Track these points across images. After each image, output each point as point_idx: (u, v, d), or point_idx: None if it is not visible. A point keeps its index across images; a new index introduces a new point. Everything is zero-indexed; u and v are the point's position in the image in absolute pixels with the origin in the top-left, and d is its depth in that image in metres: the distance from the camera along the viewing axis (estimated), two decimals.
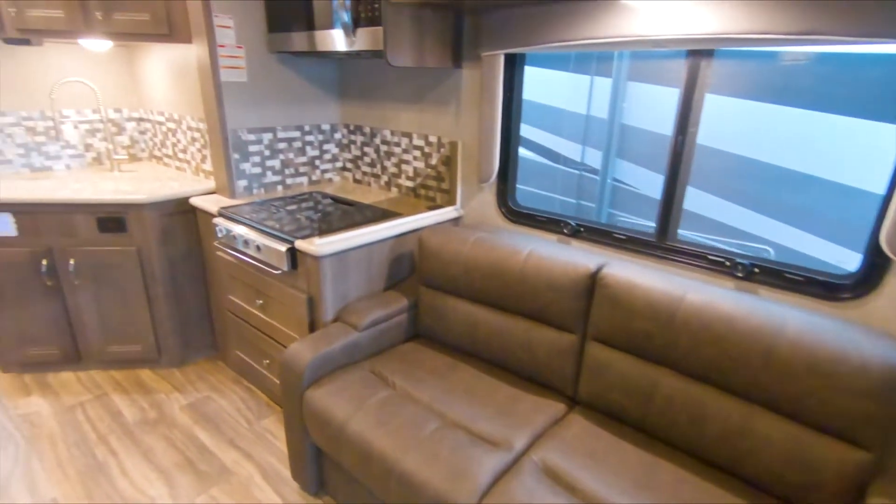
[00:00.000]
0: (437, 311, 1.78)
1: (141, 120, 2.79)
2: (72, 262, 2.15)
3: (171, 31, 2.10)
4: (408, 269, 2.01)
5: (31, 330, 2.25)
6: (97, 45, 2.47)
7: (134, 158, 2.82)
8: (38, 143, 2.50)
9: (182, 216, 2.22)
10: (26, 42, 2.21)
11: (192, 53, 2.23)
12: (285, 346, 1.93)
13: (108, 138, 2.66)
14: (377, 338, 1.75)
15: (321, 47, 1.89)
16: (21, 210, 2.07)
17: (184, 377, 2.36)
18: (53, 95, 2.49)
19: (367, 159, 2.48)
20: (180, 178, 2.43)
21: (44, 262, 2.14)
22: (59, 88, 2.50)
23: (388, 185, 2.41)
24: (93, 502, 1.67)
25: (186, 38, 2.09)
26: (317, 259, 1.65)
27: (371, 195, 2.33)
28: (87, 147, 2.65)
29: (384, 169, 2.40)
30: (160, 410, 2.13)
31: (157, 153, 2.80)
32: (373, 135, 2.39)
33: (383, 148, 2.36)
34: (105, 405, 2.16)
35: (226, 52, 2.02)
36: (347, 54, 1.90)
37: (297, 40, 1.98)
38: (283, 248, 1.71)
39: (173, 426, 2.04)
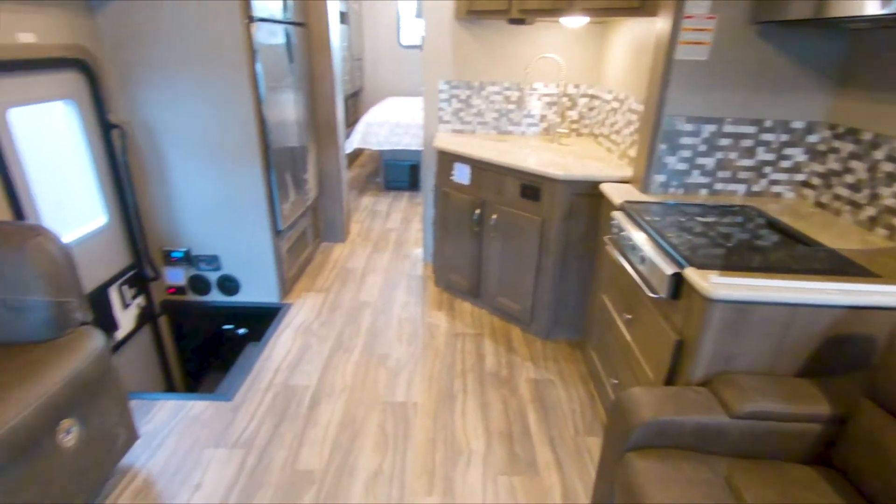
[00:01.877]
0: (882, 448, 1.06)
1: (593, 97, 2.84)
2: (494, 217, 2.45)
3: (642, 2, 1.94)
4: (851, 361, 1.29)
5: (457, 260, 2.77)
6: (575, 22, 2.60)
7: (576, 133, 2.94)
8: (508, 109, 2.92)
9: (590, 199, 2.15)
10: (522, 22, 2.52)
11: (655, 29, 2.01)
12: (636, 378, 1.63)
13: (560, 112, 2.84)
14: (756, 438, 1.21)
15: (835, 13, 1.31)
16: (476, 165, 2.47)
17: (542, 350, 2.42)
18: (528, 69, 2.81)
19: (848, 178, 1.70)
20: (605, 159, 2.35)
21: (477, 211, 2.53)
22: (534, 63, 2.80)
23: (873, 222, 1.59)
24: (435, 424, 1.94)
25: (654, 11, 1.88)
26: (706, 300, 1.23)
27: (835, 231, 1.60)
28: (542, 118, 2.92)
29: (875, 198, 1.59)
30: (511, 372, 2.26)
31: (595, 131, 2.82)
32: (875, 145, 1.60)
33: (888, 167, 1.55)
34: (477, 345, 2.46)
35: (692, 23, 1.69)
36: (878, 21, 1.25)
37: (797, 5, 1.44)
38: (668, 270, 1.37)
39: (513, 393, 2.12)
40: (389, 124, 4.69)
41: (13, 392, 1.24)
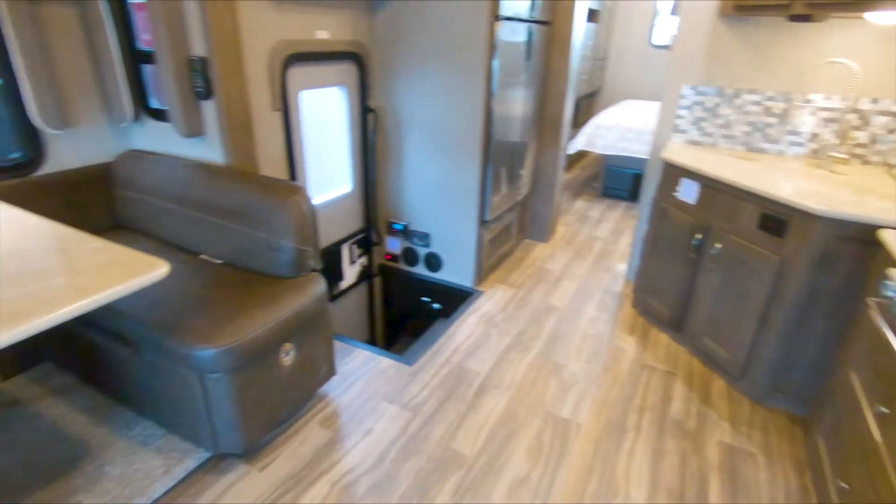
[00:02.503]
0: None
1: None
2: (718, 245, 2.11)
3: None
4: None
5: (662, 285, 2.49)
6: (886, 18, 2.00)
7: (860, 160, 2.31)
8: (766, 123, 2.45)
9: (858, 245, 1.67)
10: (807, 18, 2.06)
11: None
12: (878, 492, 1.22)
13: (842, 132, 2.26)
14: None
15: None
16: (708, 183, 2.15)
17: (748, 414, 2.01)
18: (805, 77, 2.30)
19: None
20: None
21: (698, 235, 2.21)
22: (814, 69, 2.27)
23: None
24: (595, 452, 1.80)
25: None
26: None
27: None
28: (813, 137, 2.37)
29: None
30: (700, 427, 1.94)
31: (893, 160, 2.17)
32: None
33: None
34: (665, 383, 2.18)
35: None
36: None
37: None
38: None
39: (697, 452, 1.82)
40: (620, 128, 4.43)
41: (259, 312, 1.59)
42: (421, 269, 3.10)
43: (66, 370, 2.03)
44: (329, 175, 2.74)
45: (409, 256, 3.10)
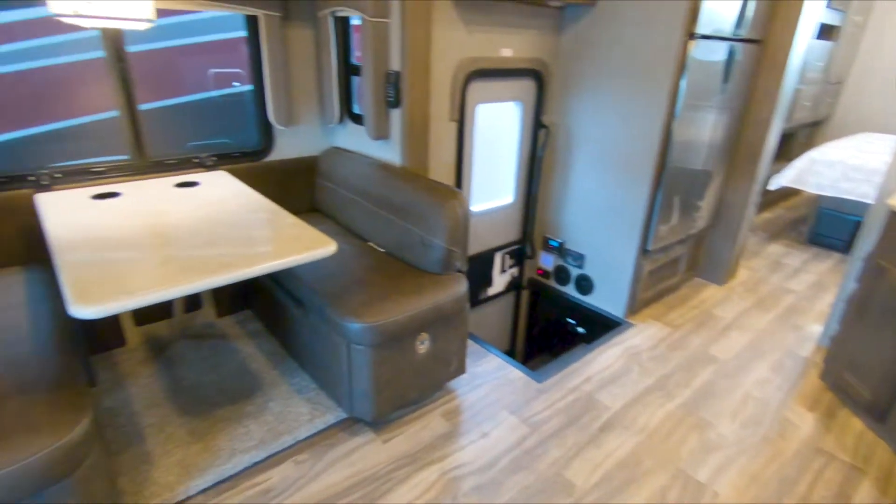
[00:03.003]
0: None
1: None
2: None
3: None
4: None
5: (866, 359, 2.03)
6: None
7: None
8: None
9: None
10: None
11: None
12: None
13: None
14: None
15: None
16: None
17: None
18: None
19: None
20: None
21: None
22: None
23: None
24: None
25: None
26: None
27: None
28: None
29: None
30: None
31: None
32: None
33: None
34: (846, 479, 1.77)
35: None
36: None
37: None
38: None
39: None
40: (844, 166, 3.70)
41: (404, 299, 1.76)
42: (570, 290, 3.03)
43: (259, 319, 2.51)
44: (493, 185, 2.86)
45: (561, 275, 3.06)
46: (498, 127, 2.76)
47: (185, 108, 2.88)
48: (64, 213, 1.68)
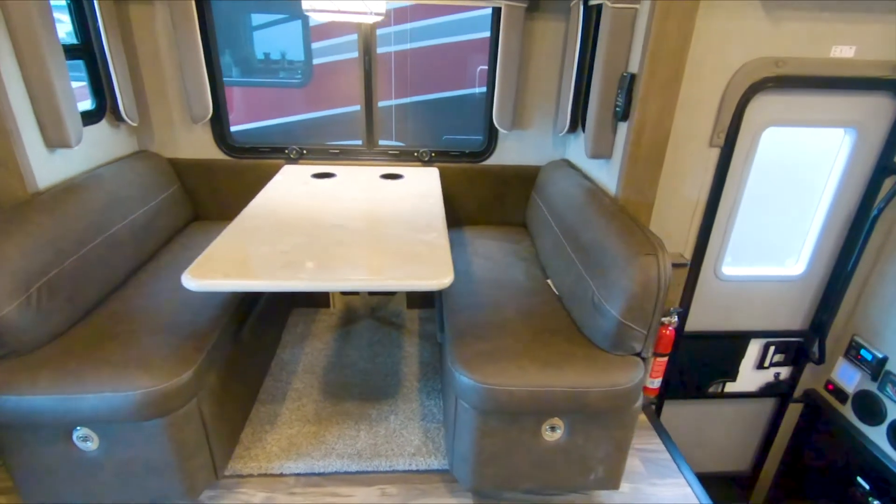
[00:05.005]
0: None
1: None
2: None
3: None
4: None
5: None
6: None
7: None
8: None
9: None
10: None
11: None
12: None
13: None
14: None
15: None
16: None
17: None
18: None
19: None
20: None
21: None
22: None
23: None
24: None
25: None
26: None
27: None
28: None
29: None
30: None
31: None
32: None
33: None
34: None
35: None
36: None
37: None
38: None
39: None
40: None
41: (536, 368, 1.34)
42: (879, 436, 1.88)
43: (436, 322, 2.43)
44: (768, 243, 1.98)
45: (868, 406, 1.93)
46: (799, 163, 1.86)
47: (440, 104, 3.00)
48: (282, 186, 1.92)
